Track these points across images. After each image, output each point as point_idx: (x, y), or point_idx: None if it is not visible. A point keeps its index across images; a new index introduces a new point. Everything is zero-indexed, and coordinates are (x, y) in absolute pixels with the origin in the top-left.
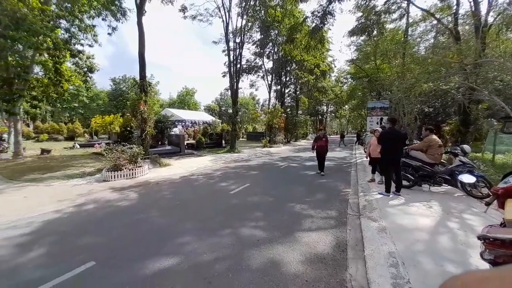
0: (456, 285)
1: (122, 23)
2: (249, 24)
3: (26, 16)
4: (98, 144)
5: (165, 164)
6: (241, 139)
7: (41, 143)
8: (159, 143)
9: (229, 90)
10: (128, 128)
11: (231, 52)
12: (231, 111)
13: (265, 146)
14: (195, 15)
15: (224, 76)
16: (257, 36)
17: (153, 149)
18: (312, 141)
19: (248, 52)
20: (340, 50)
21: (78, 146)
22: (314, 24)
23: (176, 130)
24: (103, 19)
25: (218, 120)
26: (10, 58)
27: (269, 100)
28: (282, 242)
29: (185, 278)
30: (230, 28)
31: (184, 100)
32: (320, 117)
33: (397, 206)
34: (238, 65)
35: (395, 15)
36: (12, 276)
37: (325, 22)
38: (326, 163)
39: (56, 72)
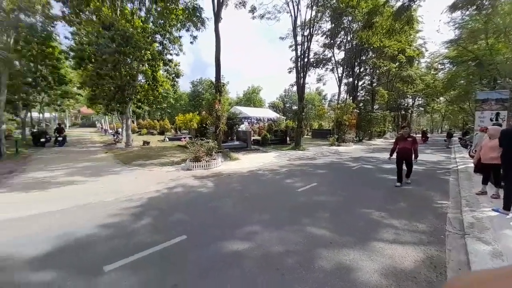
0: (457, 286)
1: (201, 31)
2: (319, 14)
3: (133, 35)
4: (184, 138)
5: (234, 158)
6: (305, 136)
7: (142, 136)
8: (229, 138)
9: (295, 86)
10: (204, 125)
11: (299, 47)
12: (295, 107)
13: (332, 144)
14: (263, 14)
15: (290, 72)
16: (327, 26)
17: (223, 143)
18: (392, 140)
19: (316, 45)
20: (438, 31)
21: (167, 140)
22: (399, 3)
23: (243, 127)
24: (186, 30)
25: (283, 117)
26: (122, 70)
27: (339, 95)
28: (358, 250)
29: (259, 264)
30: (298, 22)
31: (250, 98)
32: (403, 112)
33: None
34: (306, 59)
35: None
36: (131, 237)
37: None
38: (413, 167)
39: (154, 79)
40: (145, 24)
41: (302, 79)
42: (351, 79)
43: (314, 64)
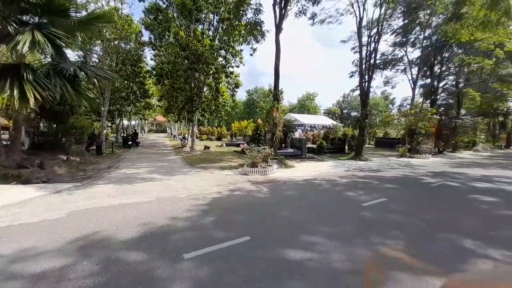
0: (457, 285)
1: (260, 44)
2: (389, 11)
3: (203, 53)
4: (242, 144)
5: (289, 165)
6: (367, 145)
7: (202, 141)
8: (283, 145)
9: (356, 91)
10: (258, 132)
11: (364, 48)
12: (355, 114)
13: (402, 155)
14: (324, 19)
15: (351, 76)
16: (398, 23)
17: (278, 151)
18: (485, 153)
19: (384, 45)
20: None
21: (225, 145)
22: None
23: (296, 134)
24: (247, 44)
25: (340, 124)
26: (192, 83)
27: (412, 98)
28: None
29: (326, 278)
30: (363, 22)
31: (304, 105)
32: (501, 118)
33: None
34: (372, 61)
35: None
36: (202, 231)
37: None
38: None
39: (216, 90)
40: (212, 42)
41: (366, 82)
42: (429, 80)
43: (381, 66)
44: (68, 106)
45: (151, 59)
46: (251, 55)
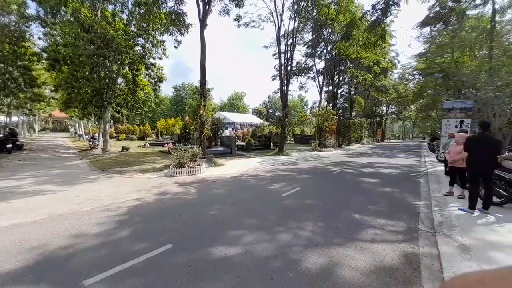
0: (457, 286)
1: (184, 36)
2: (301, 25)
3: (114, 38)
4: (167, 144)
5: (219, 164)
6: (288, 141)
7: (120, 141)
8: (213, 144)
9: (278, 93)
10: (187, 130)
11: (282, 55)
12: (279, 113)
13: (314, 149)
14: (248, 22)
15: (273, 79)
16: (308, 36)
17: (208, 149)
18: (368, 145)
19: (299, 54)
20: (410, 45)
21: (148, 145)
22: (373, 18)
23: (227, 132)
24: (170, 34)
25: (266, 123)
26: (101, 72)
27: (320, 102)
28: (342, 250)
29: (248, 270)
30: (282, 31)
31: (234, 104)
32: (378, 119)
33: (484, 225)
34: (289, 67)
35: (478, 0)
36: (111, 248)
37: (388, 14)
38: (388, 171)
39: (134, 83)
40: (127, 27)
41: (285, 86)
42: (331, 88)
43: (297, 73)
44: None
45: (39, 38)
46: (175, 47)
